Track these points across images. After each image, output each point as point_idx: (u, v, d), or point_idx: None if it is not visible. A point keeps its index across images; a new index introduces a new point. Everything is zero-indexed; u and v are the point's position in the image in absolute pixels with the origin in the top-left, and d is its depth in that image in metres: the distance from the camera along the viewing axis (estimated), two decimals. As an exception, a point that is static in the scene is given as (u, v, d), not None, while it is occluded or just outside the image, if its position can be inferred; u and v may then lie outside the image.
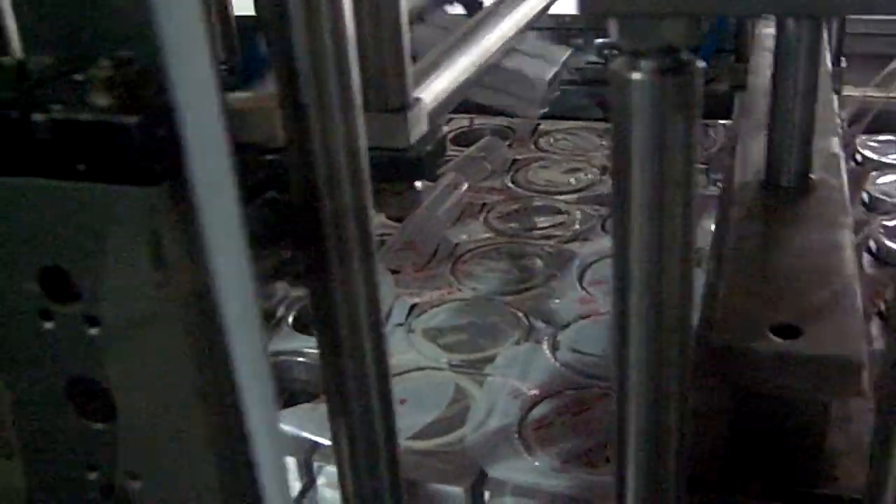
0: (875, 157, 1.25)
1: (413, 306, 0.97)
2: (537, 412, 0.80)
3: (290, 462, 0.77)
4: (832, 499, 0.62)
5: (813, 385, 0.58)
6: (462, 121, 1.48)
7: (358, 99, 0.44)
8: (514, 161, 1.33)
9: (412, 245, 1.07)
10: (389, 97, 0.57)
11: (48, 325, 0.41)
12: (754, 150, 0.81)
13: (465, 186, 1.22)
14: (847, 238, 0.71)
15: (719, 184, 1.13)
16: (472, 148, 1.33)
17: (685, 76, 0.40)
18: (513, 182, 1.27)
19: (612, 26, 0.40)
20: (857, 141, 1.25)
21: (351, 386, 0.49)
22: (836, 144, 0.84)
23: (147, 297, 0.38)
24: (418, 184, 0.63)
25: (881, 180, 1.18)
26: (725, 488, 0.60)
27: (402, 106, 0.58)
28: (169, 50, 0.27)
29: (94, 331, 0.40)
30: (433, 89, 0.64)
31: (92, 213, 0.38)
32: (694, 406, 0.67)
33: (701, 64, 0.40)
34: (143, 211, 0.37)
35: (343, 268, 0.45)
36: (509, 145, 1.39)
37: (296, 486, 0.77)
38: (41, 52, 0.44)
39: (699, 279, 0.73)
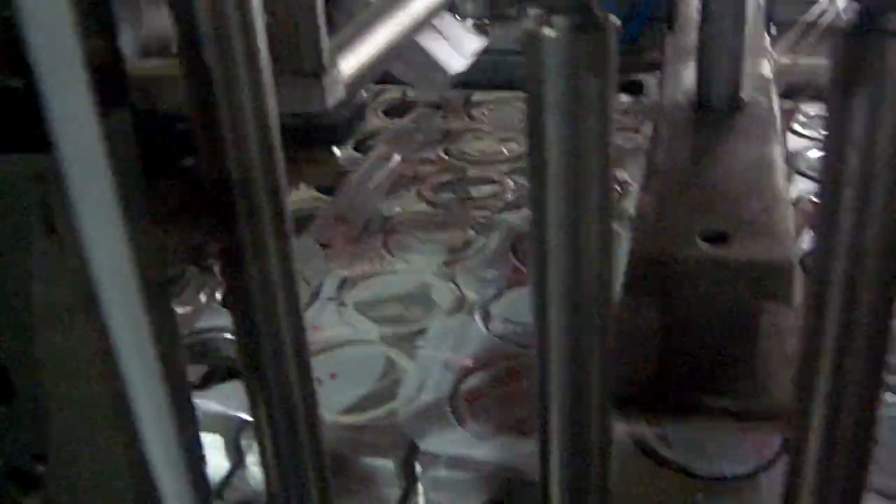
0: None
1: (344, 280, 0.95)
2: (470, 383, 0.79)
3: (219, 440, 0.75)
4: (764, 412, 0.61)
5: (742, 291, 0.56)
6: (394, 93, 1.46)
7: (265, 61, 0.42)
8: (448, 132, 1.32)
9: (343, 219, 1.05)
10: (304, 62, 0.55)
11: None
12: (684, 73, 0.80)
13: (398, 158, 1.20)
14: (777, 152, 0.70)
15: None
16: (405, 119, 1.32)
17: (599, 33, 0.39)
18: (446, 153, 1.26)
19: (525, -20, 0.39)
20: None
21: (269, 364, 0.47)
22: (766, 68, 0.83)
23: (40, 268, 0.36)
24: (337, 151, 0.61)
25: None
26: (656, 407, 0.59)
27: (318, 71, 0.56)
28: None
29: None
30: (353, 58, 0.63)
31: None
32: (628, 328, 0.67)
33: (616, 21, 0.39)
34: (31, 179, 0.35)
35: (256, 240, 0.44)
36: (442, 116, 1.38)
37: (224, 464, 0.75)
38: None
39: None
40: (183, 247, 0.47)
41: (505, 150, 1.24)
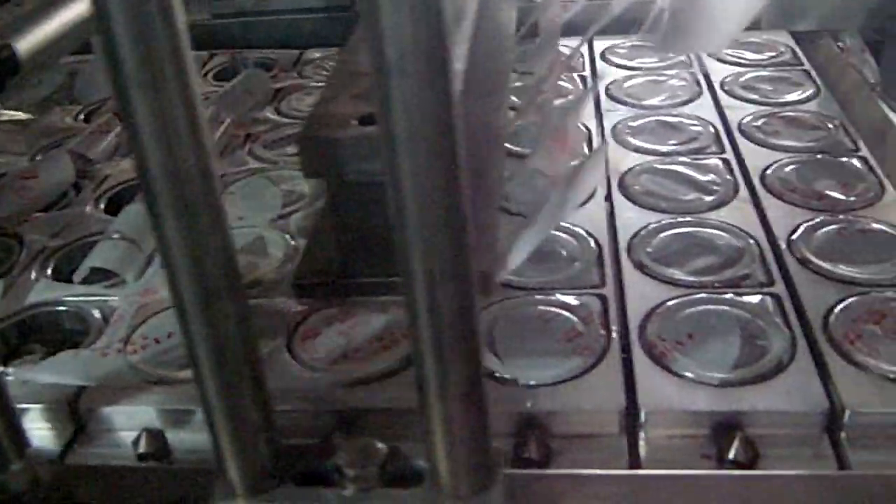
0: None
1: (178, 242, 0.95)
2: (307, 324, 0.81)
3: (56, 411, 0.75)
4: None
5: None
6: (224, 57, 1.45)
7: None
8: (278, 91, 1.32)
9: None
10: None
11: None
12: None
13: (228, 120, 1.20)
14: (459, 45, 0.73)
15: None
16: (233, 81, 1.31)
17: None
18: (277, 112, 1.26)
19: None
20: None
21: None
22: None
23: None
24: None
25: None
26: (340, 290, 0.61)
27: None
28: None
29: None
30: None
31: None
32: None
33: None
34: None
35: None
36: (272, 76, 1.38)
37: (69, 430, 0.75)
38: None
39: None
40: None
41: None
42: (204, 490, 0.53)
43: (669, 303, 0.79)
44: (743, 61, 1.29)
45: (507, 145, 1.07)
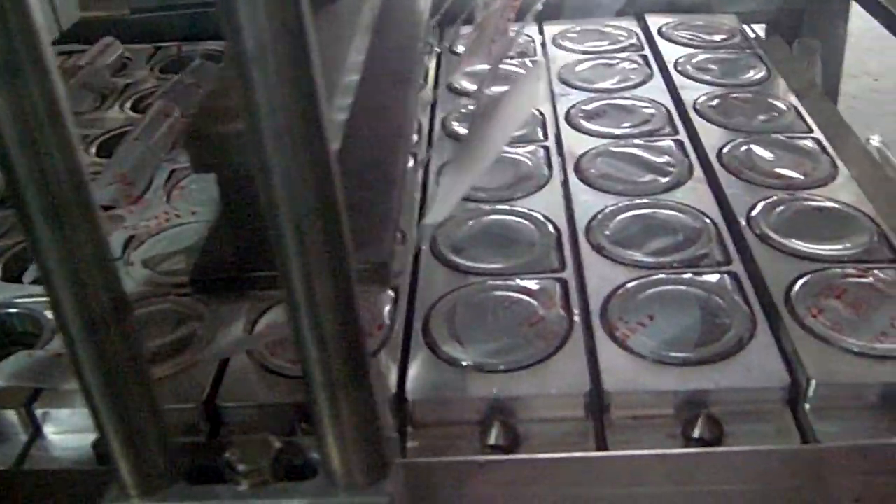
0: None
1: (130, 239, 0.93)
2: (264, 322, 0.80)
3: (11, 414, 0.73)
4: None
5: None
6: (170, 49, 1.43)
7: None
8: (228, 83, 1.30)
9: (124, 177, 1.03)
10: None
11: None
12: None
13: (177, 113, 1.18)
14: (357, 37, 0.73)
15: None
16: (182, 73, 1.28)
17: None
18: (227, 103, 1.24)
19: None
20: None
21: None
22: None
23: None
24: None
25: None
26: (233, 285, 0.62)
27: None
28: None
29: None
30: None
31: None
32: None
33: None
34: None
35: None
36: (221, 68, 1.35)
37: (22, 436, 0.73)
38: None
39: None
40: None
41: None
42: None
43: (629, 284, 0.79)
44: (694, 43, 1.30)
45: (460, 128, 1.07)
